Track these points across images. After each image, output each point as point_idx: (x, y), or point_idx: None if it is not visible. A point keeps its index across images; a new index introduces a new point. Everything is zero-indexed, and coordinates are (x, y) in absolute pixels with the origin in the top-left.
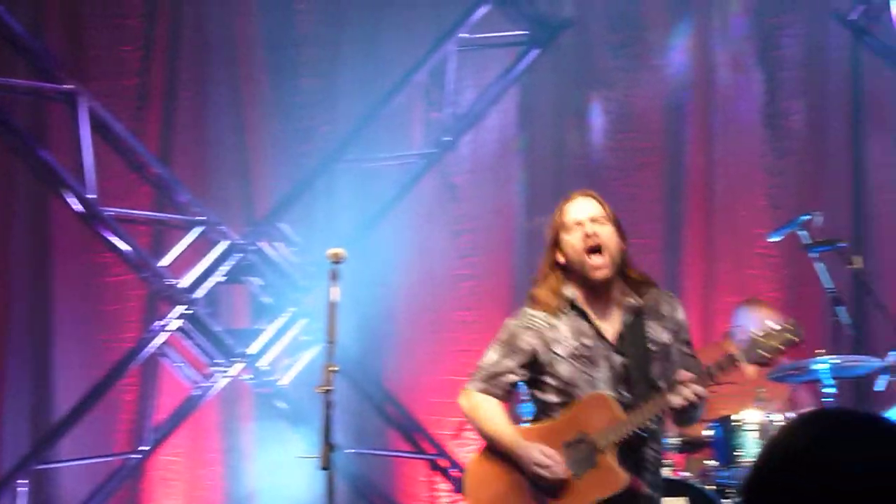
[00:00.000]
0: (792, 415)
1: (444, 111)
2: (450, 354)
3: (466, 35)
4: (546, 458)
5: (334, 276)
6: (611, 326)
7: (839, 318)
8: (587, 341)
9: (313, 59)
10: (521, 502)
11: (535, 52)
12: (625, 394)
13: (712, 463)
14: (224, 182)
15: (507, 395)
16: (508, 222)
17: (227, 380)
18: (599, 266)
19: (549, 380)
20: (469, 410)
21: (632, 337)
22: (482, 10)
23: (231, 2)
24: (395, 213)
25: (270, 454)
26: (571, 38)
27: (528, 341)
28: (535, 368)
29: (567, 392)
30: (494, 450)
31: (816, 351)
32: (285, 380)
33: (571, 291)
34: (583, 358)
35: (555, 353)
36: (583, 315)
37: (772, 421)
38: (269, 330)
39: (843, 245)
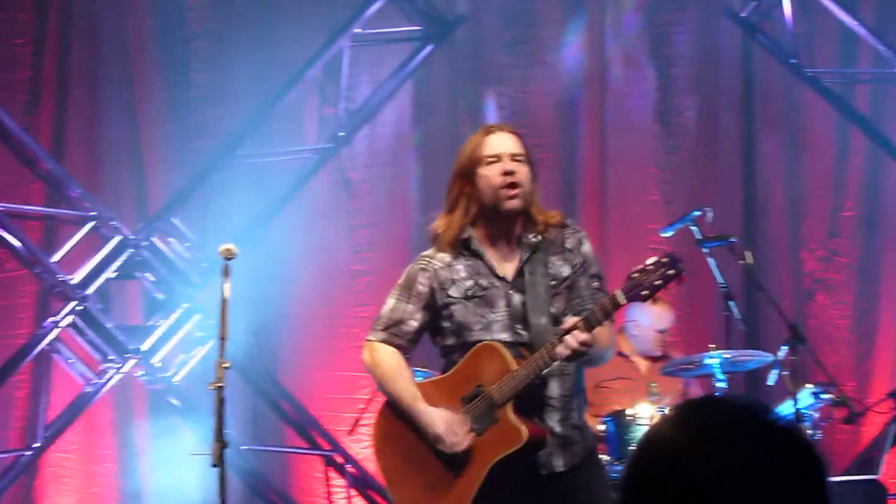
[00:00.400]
0: None
1: (338, 106)
2: (345, 350)
3: (360, 30)
4: (450, 431)
5: (226, 273)
6: (510, 264)
7: (731, 313)
8: (483, 281)
9: (205, 54)
10: (424, 463)
11: (429, 48)
12: (521, 332)
13: (605, 457)
14: (117, 177)
15: (411, 344)
16: (404, 218)
17: (120, 376)
18: (512, 197)
19: (444, 323)
20: (371, 366)
21: (531, 273)
22: (376, 5)
23: None
24: (289, 208)
25: (164, 451)
26: (465, 34)
27: (424, 283)
28: (433, 311)
29: (461, 335)
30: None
31: (708, 346)
32: (179, 376)
33: (469, 231)
34: (477, 298)
35: (449, 294)
36: (479, 255)
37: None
38: (163, 326)
39: (735, 241)
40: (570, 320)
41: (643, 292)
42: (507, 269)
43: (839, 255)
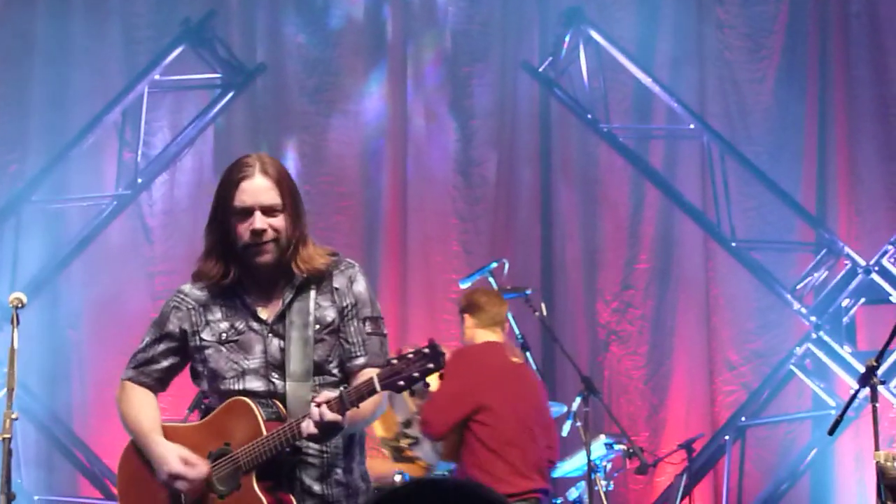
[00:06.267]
0: None
1: (137, 152)
2: None
3: (160, 77)
4: (183, 466)
5: (15, 322)
6: (272, 307)
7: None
8: (239, 324)
9: (2, 95)
10: (162, 500)
11: (230, 95)
12: (276, 382)
13: None
14: None
15: (159, 384)
16: None
17: None
18: (263, 253)
19: (199, 367)
20: (117, 402)
21: (294, 316)
22: (175, 52)
23: None
24: (86, 254)
25: None
26: (266, 82)
27: (176, 324)
28: (185, 353)
29: (214, 382)
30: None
31: None
32: None
33: (227, 269)
34: (231, 343)
35: (202, 337)
36: (238, 296)
37: None
38: None
39: (530, 293)
40: (322, 396)
41: (399, 382)
42: (269, 311)
43: (633, 306)
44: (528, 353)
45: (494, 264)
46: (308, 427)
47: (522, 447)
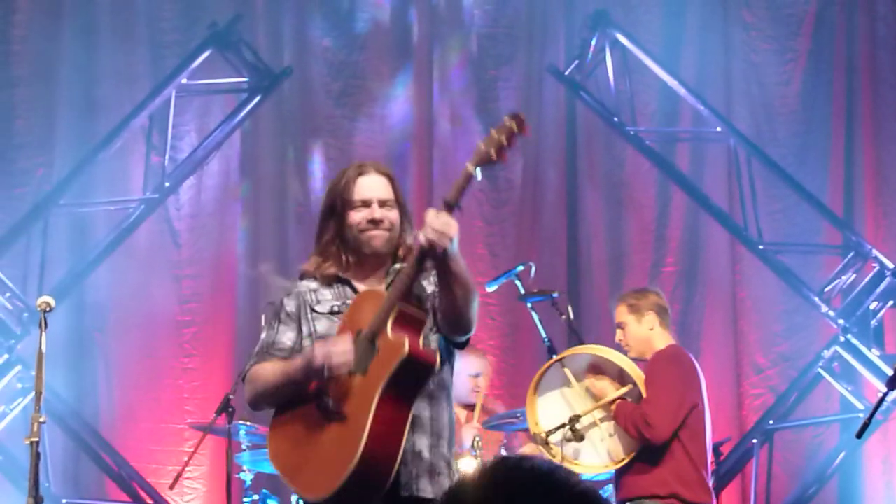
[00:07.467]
0: None
1: (165, 156)
2: (168, 402)
3: (187, 81)
4: (332, 345)
5: (43, 326)
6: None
7: None
8: (350, 303)
9: (30, 99)
10: (314, 427)
11: (256, 99)
12: None
13: None
14: None
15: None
16: (230, 269)
17: None
18: (377, 238)
19: (306, 342)
20: (250, 387)
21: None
22: (203, 56)
23: None
24: (114, 257)
25: None
26: (292, 86)
27: (293, 304)
28: (300, 334)
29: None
30: (283, 408)
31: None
32: None
33: (338, 269)
34: (342, 314)
35: (314, 310)
36: (348, 283)
37: None
38: None
39: (556, 296)
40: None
41: (490, 154)
42: None
43: None
44: (554, 357)
45: (521, 267)
46: (419, 236)
47: (707, 456)
